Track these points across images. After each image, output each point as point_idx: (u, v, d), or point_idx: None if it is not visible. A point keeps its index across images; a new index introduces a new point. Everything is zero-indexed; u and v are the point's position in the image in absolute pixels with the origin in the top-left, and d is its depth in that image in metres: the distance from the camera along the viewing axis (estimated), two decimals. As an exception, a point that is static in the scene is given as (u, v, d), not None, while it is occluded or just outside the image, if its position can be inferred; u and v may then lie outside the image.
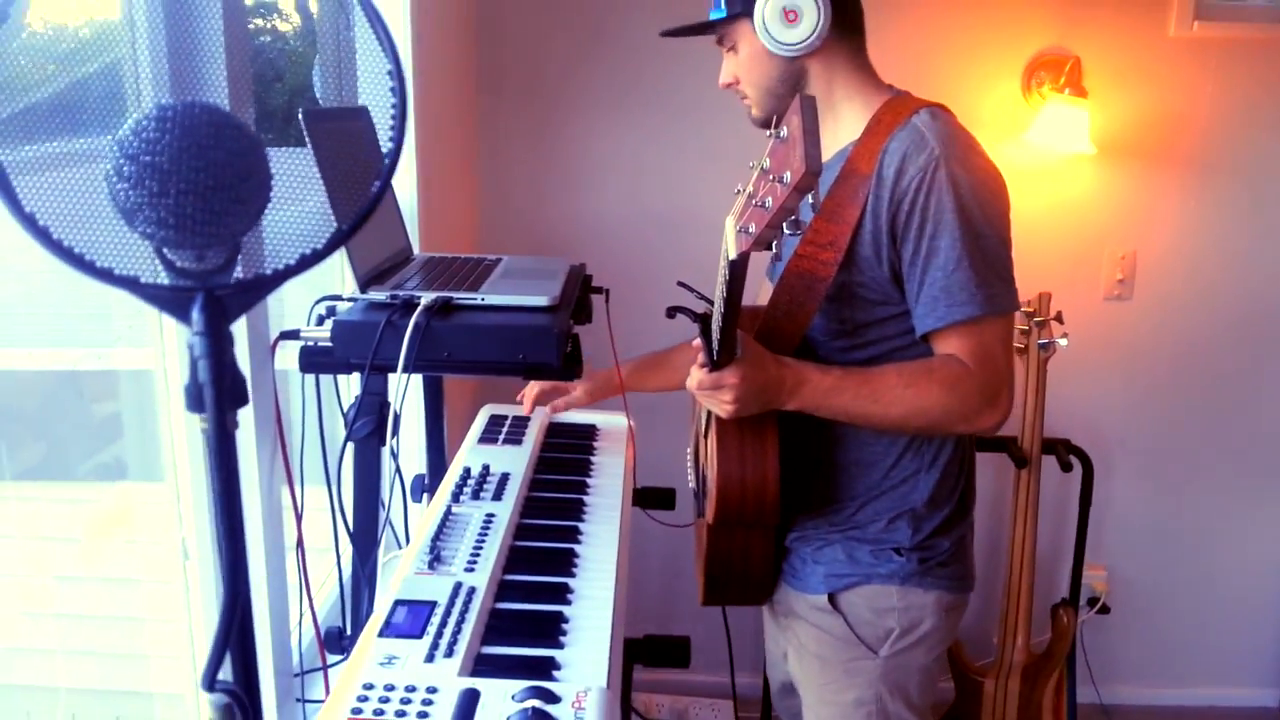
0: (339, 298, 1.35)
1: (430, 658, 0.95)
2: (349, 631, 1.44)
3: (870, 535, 1.41)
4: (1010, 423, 2.45)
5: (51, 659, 1.36)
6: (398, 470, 1.39)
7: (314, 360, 1.29)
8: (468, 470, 1.41)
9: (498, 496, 1.33)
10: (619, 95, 2.50)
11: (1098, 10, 2.44)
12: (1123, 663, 2.87)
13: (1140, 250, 2.58)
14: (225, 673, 0.54)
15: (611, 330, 1.60)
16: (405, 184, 1.83)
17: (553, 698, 0.88)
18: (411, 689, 0.89)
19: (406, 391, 1.20)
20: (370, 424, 1.29)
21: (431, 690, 0.89)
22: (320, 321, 1.32)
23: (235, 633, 0.53)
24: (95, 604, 1.43)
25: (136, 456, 1.41)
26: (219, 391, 0.43)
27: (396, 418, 1.25)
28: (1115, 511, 2.75)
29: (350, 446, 1.35)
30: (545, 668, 0.97)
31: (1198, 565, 2.80)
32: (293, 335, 1.28)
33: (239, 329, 1.17)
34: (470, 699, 0.88)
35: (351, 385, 1.47)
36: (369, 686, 0.89)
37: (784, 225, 0.98)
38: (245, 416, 1.20)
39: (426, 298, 1.26)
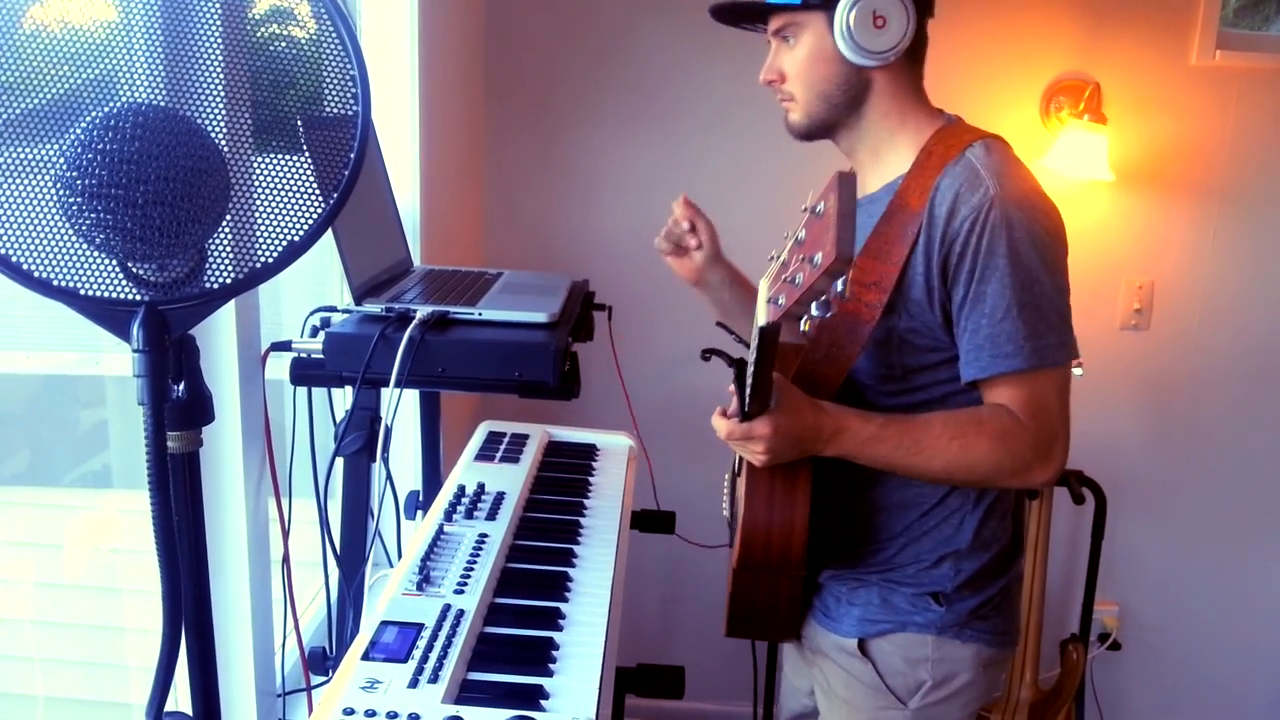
0: (334, 309, 1.33)
1: (414, 683, 0.92)
2: (333, 651, 1.41)
3: (909, 577, 1.34)
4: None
5: (30, 667, 1.34)
6: (391, 487, 1.36)
7: (305, 373, 1.26)
8: (462, 488, 1.37)
9: (492, 516, 1.30)
10: (630, 108, 2.48)
11: (1119, 37, 2.41)
12: (1133, 700, 2.81)
13: (1158, 280, 2.55)
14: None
15: (615, 348, 1.58)
16: (407, 194, 1.81)
17: (539, 728, 0.86)
18: (393, 715, 0.86)
19: (399, 407, 1.17)
20: (360, 439, 1.27)
21: (413, 717, 0.86)
22: (314, 333, 1.30)
23: (196, 659, 0.50)
24: (76, 612, 1.41)
25: (122, 464, 1.38)
26: (156, 412, 0.41)
27: (388, 433, 1.22)
28: (1128, 546, 2.70)
29: (341, 461, 1.32)
30: (533, 696, 0.94)
31: (1211, 602, 2.75)
32: (284, 346, 1.26)
33: (228, 338, 1.15)
34: (453, 728, 0.85)
35: (345, 397, 1.45)
36: (349, 712, 0.87)
37: (813, 305, 0.95)
38: (232, 428, 1.17)
39: (422, 311, 1.24)
